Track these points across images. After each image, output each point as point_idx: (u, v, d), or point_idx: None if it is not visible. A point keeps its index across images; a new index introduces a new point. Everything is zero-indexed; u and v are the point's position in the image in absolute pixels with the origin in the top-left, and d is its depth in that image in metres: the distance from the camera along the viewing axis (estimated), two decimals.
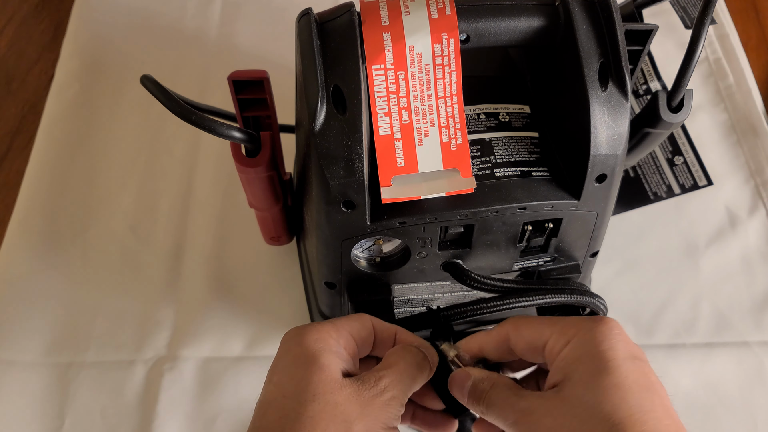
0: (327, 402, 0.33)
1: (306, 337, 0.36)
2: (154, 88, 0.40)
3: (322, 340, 0.36)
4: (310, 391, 0.33)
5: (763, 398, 0.56)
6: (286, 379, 0.34)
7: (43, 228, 0.62)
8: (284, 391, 0.34)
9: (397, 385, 0.36)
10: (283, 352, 0.36)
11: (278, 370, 0.36)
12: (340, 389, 0.34)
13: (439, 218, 0.40)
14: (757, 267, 0.62)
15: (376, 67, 0.38)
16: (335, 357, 0.35)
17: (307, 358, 0.35)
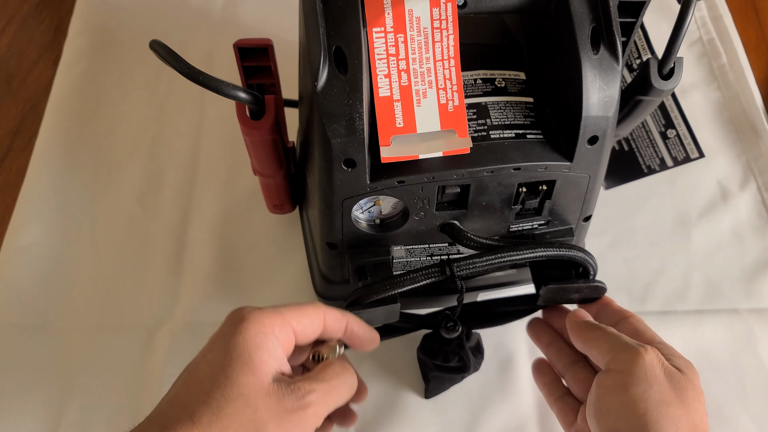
0: (247, 405, 0.34)
1: (249, 326, 0.36)
2: (163, 52, 0.41)
3: (263, 335, 0.36)
4: (235, 390, 0.34)
5: (752, 363, 0.57)
6: (218, 367, 0.35)
7: (53, 199, 0.64)
8: (214, 377, 0.35)
9: (323, 403, 0.37)
10: (224, 333, 0.37)
11: (214, 350, 0.36)
12: (264, 396, 0.35)
13: (437, 177, 0.42)
14: (747, 238, 0.63)
15: (376, 29, 0.40)
16: (270, 357, 0.36)
17: (242, 352, 0.35)
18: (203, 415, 0.34)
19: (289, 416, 0.35)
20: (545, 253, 0.44)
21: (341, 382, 0.39)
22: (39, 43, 0.75)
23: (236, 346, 0.36)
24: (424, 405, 0.55)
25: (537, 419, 0.55)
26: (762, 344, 0.58)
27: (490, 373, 0.56)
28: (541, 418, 0.55)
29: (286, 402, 0.35)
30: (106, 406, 0.55)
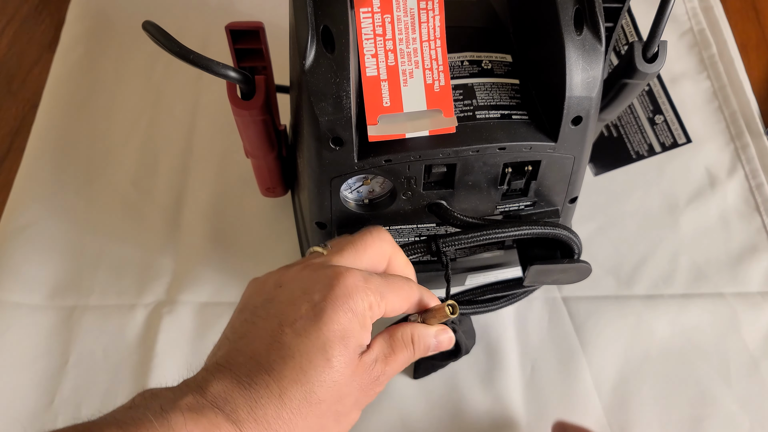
0: (338, 391, 0.34)
1: (355, 304, 0.35)
2: (155, 32, 0.42)
3: (364, 322, 0.35)
4: (332, 377, 0.34)
5: (736, 346, 0.58)
6: (316, 340, 0.33)
7: (49, 181, 0.65)
8: (311, 354, 0.33)
9: (388, 378, 0.38)
10: (326, 300, 0.34)
11: (307, 318, 0.34)
12: (351, 381, 0.35)
13: (423, 156, 0.43)
14: (734, 224, 0.64)
15: (363, 10, 0.40)
16: (362, 337, 0.35)
17: (344, 337, 0.34)
18: (294, 397, 0.33)
19: (365, 398, 0.36)
20: (530, 231, 0.45)
21: (406, 359, 0.39)
22: (39, 43, 0.75)
23: (339, 325, 0.34)
24: (410, 385, 0.56)
25: (523, 401, 0.56)
26: (746, 327, 0.59)
27: (477, 354, 0.57)
28: (527, 400, 0.56)
29: (365, 385, 0.36)
30: (100, 383, 0.56)
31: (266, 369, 0.33)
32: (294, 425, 0.33)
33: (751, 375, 0.57)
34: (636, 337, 0.58)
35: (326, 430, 0.35)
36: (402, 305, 0.39)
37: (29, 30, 0.77)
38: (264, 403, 0.32)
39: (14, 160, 0.67)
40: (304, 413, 0.33)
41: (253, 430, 0.31)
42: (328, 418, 0.35)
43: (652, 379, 0.57)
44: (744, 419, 0.55)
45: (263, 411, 0.32)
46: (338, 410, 0.35)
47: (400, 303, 0.38)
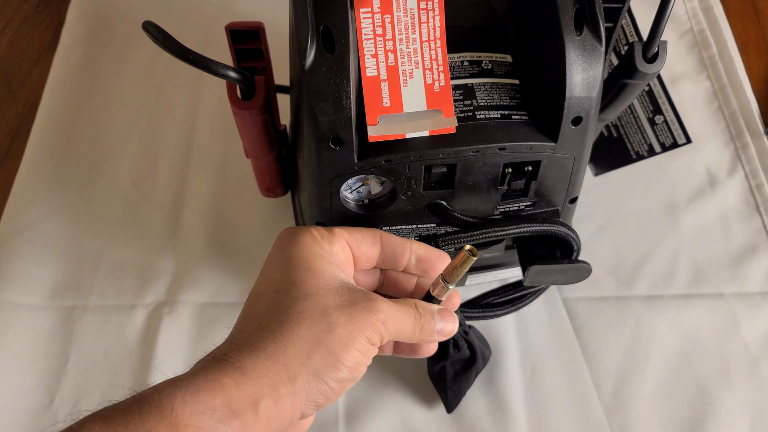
0: (317, 302, 0.34)
1: (301, 238, 0.37)
2: (155, 32, 0.42)
3: (316, 243, 0.37)
4: (302, 291, 0.35)
5: (736, 346, 0.58)
6: (279, 276, 0.36)
7: (49, 181, 0.65)
8: (276, 285, 0.35)
9: (391, 318, 0.37)
10: (278, 248, 0.38)
11: (272, 266, 0.37)
12: (333, 294, 0.35)
13: (423, 156, 0.43)
14: (734, 224, 0.64)
15: (363, 10, 0.40)
16: (329, 264, 0.36)
17: (301, 261, 0.36)
18: (272, 319, 0.34)
19: (361, 314, 0.35)
20: (529, 228, 0.45)
21: (410, 313, 0.39)
22: (39, 44, 0.75)
23: (292, 255, 0.36)
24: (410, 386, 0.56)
25: (523, 401, 0.56)
26: (745, 328, 0.59)
27: None
28: (527, 400, 0.56)
29: (357, 302, 0.35)
30: (100, 383, 0.56)
31: (240, 319, 0.37)
32: (281, 340, 0.33)
33: (751, 375, 0.57)
34: (636, 337, 0.58)
35: (323, 343, 0.34)
36: (363, 236, 0.40)
37: (29, 30, 0.77)
38: (245, 335, 0.34)
39: (14, 160, 0.67)
40: (288, 327, 0.34)
41: (239, 356, 0.33)
42: (320, 330, 0.34)
43: (652, 380, 0.57)
44: (744, 419, 0.55)
45: (245, 341, 0.34)
46: (329, 321, 0.34)
47: (358, 232, 0.40)
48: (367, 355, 0.36)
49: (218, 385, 0.31)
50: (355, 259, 0.40)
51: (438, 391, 0.55)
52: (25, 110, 0.71)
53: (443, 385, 0.54)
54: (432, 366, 0.54)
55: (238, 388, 0.31)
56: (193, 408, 0.30)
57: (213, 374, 0.32)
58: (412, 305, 0.40)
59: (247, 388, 0.32)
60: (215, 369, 0.32)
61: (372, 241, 0.40)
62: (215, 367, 0.32)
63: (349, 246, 0.39)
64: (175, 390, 0.31)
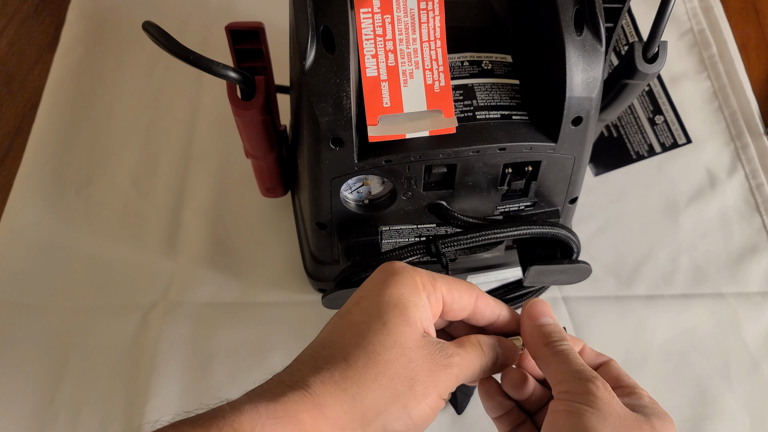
0: (403, 353, 0.34)
1: (403, 280, 0.37)
2: (155, 32, 0.42)
3: (416, 291, 0.36)
4: (392, 338, 0.34)
5: (736, 346, 0.58)
6: (375, 312, 0.35)
7: (49, 181, 0.65)
8: (369, 322, 0.35)
9: (464, 368, 0.37)
10: (378, 282, 0.37)
11: (370, 298, 0.36)
12: (418, 348, 0.35)
13: (423, 157, 0.43)
14: (734, 224, 0.64)
15: (363, 10, 0.40)
16: (420, 314, 0.36)
17: (398, 303, 0.36)
18: (359, 359, 0.34)
19: (439, 371, 0.36)
20: (529, 231, 0.45)
21: (477, 356, 0.38)
22: (39, 44, 0.75)
23: (391, 296, 0.36)
24: None
25: None
26: (746, 327, 0.59)
27: None
28: None
29: (436, 357, 0.36)
30: (100, 384, 0.56)
31: (328, 345, 0.35)
32: (364, 384, 0.33)
33: (752, 375, 0.57)
34: (636, 337, 0.58)
35: (401, 398, 0.34)
36: (460, 296, 0.39)
37: (29, 30, 0.76)
38: (329, 366, 0.34)
39: (14, 160, 0.67)
40: (373, 373, 0.34)
41: (321, 390, 0.33)
42: (401, 383, 0.34)
43: (653, 379, 0.57)
44: (744, 419, 0.55)
45: (329, 372, 0.33)
46: (411, 376, 0.34)
47: (457, 291, 0.38)
48: (436, 411, 0.36)
49: (297, 420, 0.31)
50: (444, 314, 0.39)
51: None
52: (25, 110, 0.71)
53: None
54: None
55: (314, 427, 0.32)
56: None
57: (293, 406, 0.32)
58: (475, 342, 0.39)
59: (323, 428, 0.32)
60: (296, 399, 0.32)
61: (467, 302, 0.39)
62: (296, 396, 0.32)
63: (443, 302, 0.38)
64: (256, 417, 0.31)
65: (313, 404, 0.32)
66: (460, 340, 0.39)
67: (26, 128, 0.69)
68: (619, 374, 0.42)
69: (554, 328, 0.39)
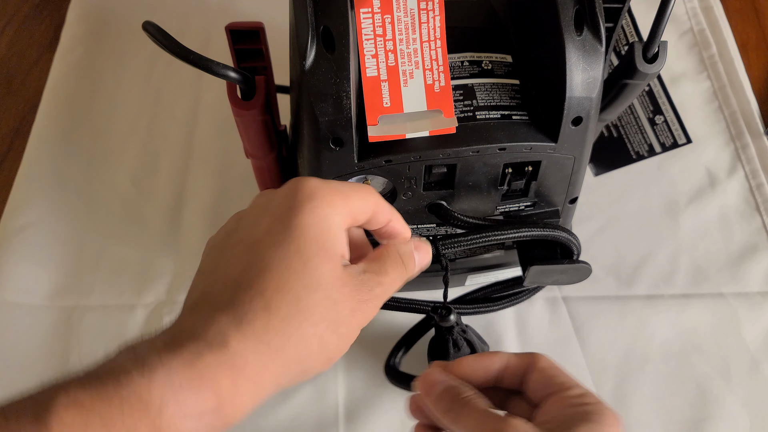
0: (327, 297, 0.32)
1: (320, 205, 0.33)
2: (155, 32, 0.42)
3: (332, 217, 0.33)
4: (314, 279, 0.32)
5: (736, 346, 0.58)
6: (293, 245, 0.32)
7: (49, 181, 0.65)
8: (289, 258, 0.31)
9: (386, 294, 0.35)
10: (294, 206, 0.33)
11: (283, 225, 0.32)
12: (341, 286, 0.33)
13: (423, 157, 0.43)
14: (735, 224, 0.64)
15: (363, 10, 0.40)
16: (338, 242, 0.33)
17: (317, 235, 0.32)
18: (281, 306, 0.30)
19: (361, 307, 0.33)
20: (529, 233, 0.45)
21: (400, 276, 0.36)
22: (39, 43, 0.75)
23: (309, 228, 0.32)
24: None
25: None
26: (746, 327, 0.59)
27: None
28: None
29: (359, 293, 0.33)
30: None
31: (245, 287, 0.31)
32: (287, 335, 0.31)
33: (752, 375, 0.57)
34: (636, 337, 0.58)
35: (326, 343, 0.32)
36: (366, 207, 0.36)
37: (29, 30, 0.76)
38: (250, 317, 0.30)
39: (14, 160, 0.67)
40: (296, 322, 0.31)
41: (242, 348, 0.29)
42: (325, 328, 0.32)
43: (653, 379, 0.57)
44: (744, 419, 0.55)
45: (250, 325, 0.30)
46: (335, 318, 0.32)
47: (364, 205, 0.36)
48: (352, 341, 0.34)
49: (215, 386, 0.29)
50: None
51: None
52: (25, 110, 0.71)
53: None
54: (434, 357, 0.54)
55: (233, 391, 0.29)
56: (183, 409, 0.27)
57: (212, 370, 0.28)
58: (397, 260, 0.37)
59: (242, 389, 0.30)
60: (215, 362, 0.29)
61: (368, 210, 0.36)
62: (215, 358, 0.29)
63: (351, 214, 0.35)
64: (168, 385, 0.27)
65: (233, 365, 0.29)
66: (379, 255, 0.36)
67: (26, 128, 0.69)
68: (551, 374, 0.38)
69: (446, 392, 0.37)
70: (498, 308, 0.56)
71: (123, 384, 0.27)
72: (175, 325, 0.31)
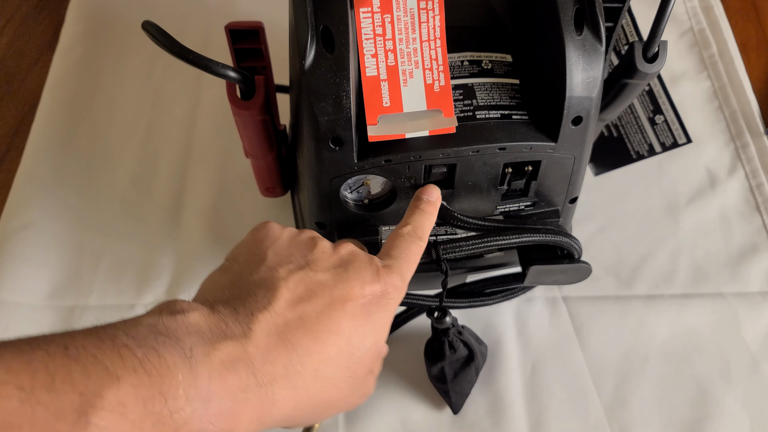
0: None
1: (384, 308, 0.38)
2: (155, 32, 0.42)
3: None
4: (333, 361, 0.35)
5: (736, 345, 0.58)
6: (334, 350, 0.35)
7: (49, 180, 0.65)
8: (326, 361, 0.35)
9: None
10: (333, 309, 0.35)
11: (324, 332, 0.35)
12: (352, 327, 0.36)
13: (423, 156, 0.43)
14: (735, 224, 0.64)
15: (363, 10, 0.40)
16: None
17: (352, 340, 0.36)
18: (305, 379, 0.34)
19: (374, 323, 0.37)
20: (531, 239, 0.45)
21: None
22: (39, 43, 0.75)
23: (342, 332, 0.35)
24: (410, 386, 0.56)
25: (523, 401, 0.56)
26: (746, 327, 0.59)
27: None
28: (527, 400, 0.56)
29: (373, 312, 0.37)
30: None
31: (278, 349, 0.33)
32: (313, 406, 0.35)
33: (752, 375, 0.57)
34: (636, 337, 0.58)
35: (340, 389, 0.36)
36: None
37: (29, 30, 0.76)
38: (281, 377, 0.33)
39: (14, 160, 0.67)
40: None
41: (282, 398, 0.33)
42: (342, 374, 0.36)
43: (652, 379, 0.57)
44: (744, 419, 0.55)
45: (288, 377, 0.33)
46: (352, 368, 0.36)
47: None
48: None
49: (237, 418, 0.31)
50: None
51: (440, 393, 0.55)
52: (25, 110, 0.71)
53: (444, 387, 0.54)
54: (430, 368, 0.54)
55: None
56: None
57: (246, 409, 0.31)
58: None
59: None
60: (253, 401, 0.32)
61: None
62: (256, 398, 0.32)
63: None
64: (199, 407, 0.29)
65: (264, 410, 0.32)
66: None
67: (26, 128, 0.69)
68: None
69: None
70: (492, 302, 0.56)
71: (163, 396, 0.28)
72: (239, 335, 0.32)
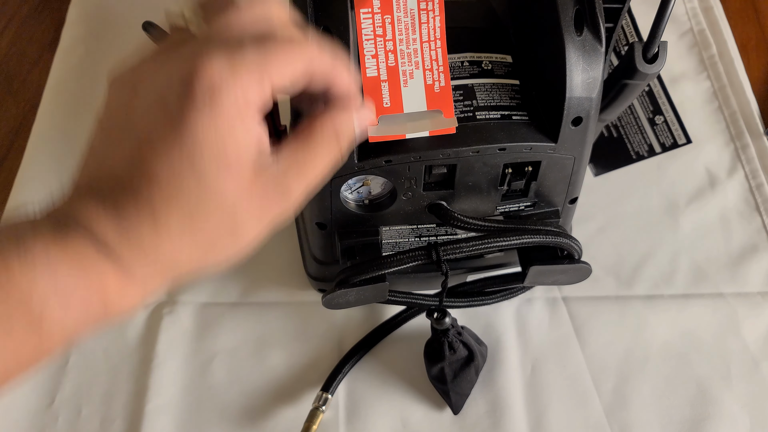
0: (226, 213, 0.29)
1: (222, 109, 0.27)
2: (155, 32, 0.42)
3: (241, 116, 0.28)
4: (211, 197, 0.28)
5: (736, 346, 0.58)
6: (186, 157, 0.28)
7: (50, 181, 0.64)
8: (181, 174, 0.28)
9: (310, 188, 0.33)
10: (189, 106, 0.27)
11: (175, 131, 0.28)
12: (247, 199, 0.29)
13: (423, 157, 0.43)
14: (735, 224, 0.64)
15: (363, 11, 0.40)
16: (248, 140, 0.29)
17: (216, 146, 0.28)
18: (170, 221, 0.28)
19: (270, 205, 0.31)
20: (531, 240, 0.45)
21: (332, 158, 0.33)
22: (39, 43, 0.75)
23: (206, 138, 0.28)
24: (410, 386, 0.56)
25: (523, 401, 0.56)
26: (745, 327, 0.59)
27: None
28: (527, 400, 0.56)
29: (270, 203, 0.30)
30: (100, 383, 0.56)
31: (132, 193, 0.28)
32: (179, 248, 0.29)
33: (751, 375, 0.57)
34: (636, 337, 0.58)
35: (221, 246, 0.30)
36: (294, 69, 0.30)
37: (29, 30, 0.76)
38: (135, 225, 0.28)
39: (14, 160, 0.67)
40: (188, 236, 0.29)
41: (126, 256, 0.28)
42: (221, 233, 0.29)
43: (652, 379, 0.57)
44: (744, 419, 0.55)
45: (137, 233, 0.28)
46: (233, 225, 0.30)
47: (290, 70, 0.29)
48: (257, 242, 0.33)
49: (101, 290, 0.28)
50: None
51: (441, 394, 0.55)
52: (26, 110, 0.71)
53: (444, 388, 0.54)
54: (430, 369, 0.54)
55: (120, 298, 0.28)
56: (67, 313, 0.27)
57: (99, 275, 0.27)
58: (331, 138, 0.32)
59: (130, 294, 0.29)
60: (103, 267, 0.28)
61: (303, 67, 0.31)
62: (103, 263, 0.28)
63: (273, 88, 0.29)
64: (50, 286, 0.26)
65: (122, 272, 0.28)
66: (309, 134, 0.32)
67: (26, 128, 0.69)
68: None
69: None
70: (492, 302, 0.56)
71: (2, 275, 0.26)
72: (61, 209, 0.29)
